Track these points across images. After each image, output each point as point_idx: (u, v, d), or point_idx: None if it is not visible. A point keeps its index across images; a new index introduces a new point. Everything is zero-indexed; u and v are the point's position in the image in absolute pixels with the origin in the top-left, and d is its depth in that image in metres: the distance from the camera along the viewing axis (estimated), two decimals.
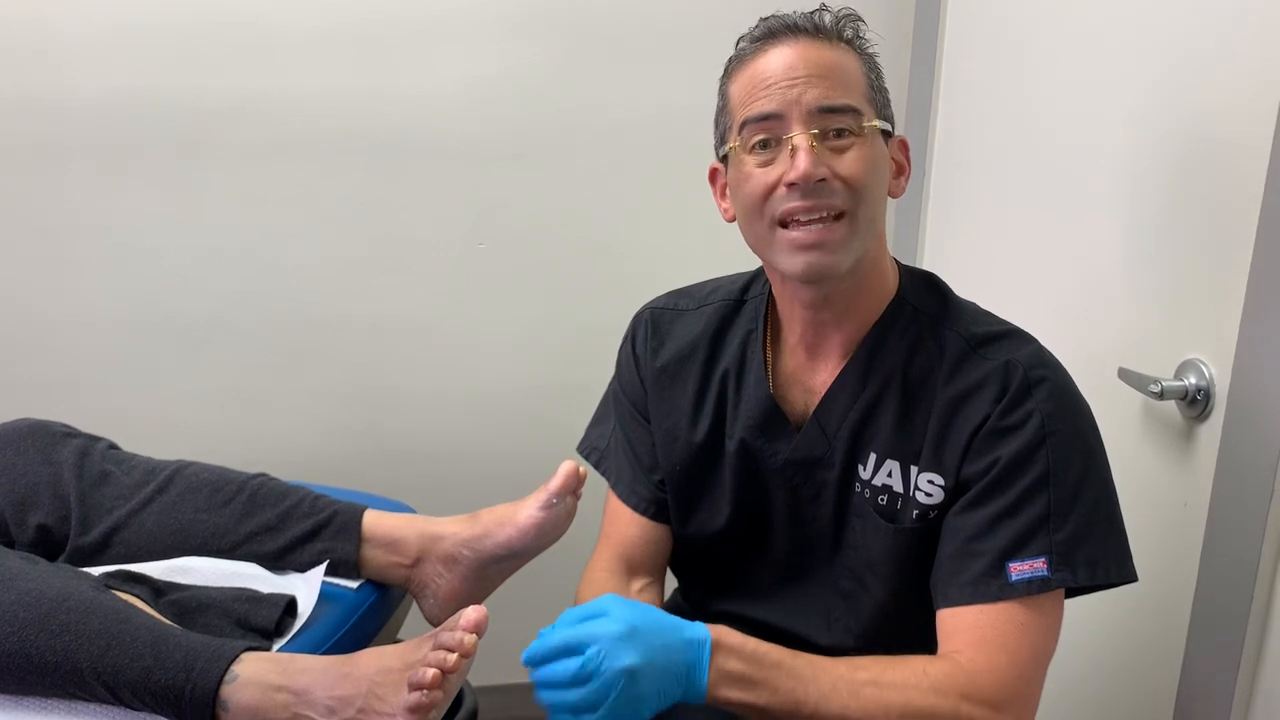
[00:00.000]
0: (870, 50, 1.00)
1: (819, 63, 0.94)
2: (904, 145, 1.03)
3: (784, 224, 0.95)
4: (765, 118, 0.94)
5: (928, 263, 1.80)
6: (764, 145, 0.95)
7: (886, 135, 0.99)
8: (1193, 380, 1.15)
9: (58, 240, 1.68)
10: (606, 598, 0.90)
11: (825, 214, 0.93)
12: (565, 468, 1.18)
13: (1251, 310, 1.07)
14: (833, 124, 0.93)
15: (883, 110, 0.99)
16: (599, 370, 1.24)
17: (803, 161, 0.91)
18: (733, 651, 0.90)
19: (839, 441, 1.03)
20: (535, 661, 0.88)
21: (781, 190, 0.93)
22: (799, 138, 0.92)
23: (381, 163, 1.74)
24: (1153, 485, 1.23)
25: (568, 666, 0.85)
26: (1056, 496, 0.93)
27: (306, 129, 1.70)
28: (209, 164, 1.70)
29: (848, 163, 0.93)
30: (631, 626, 0.86)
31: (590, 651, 0.84)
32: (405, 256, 1.79)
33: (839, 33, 0.97)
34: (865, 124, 0.95)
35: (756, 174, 0.95)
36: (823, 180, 0.92)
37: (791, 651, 0.92)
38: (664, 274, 1.26)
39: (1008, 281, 1.55)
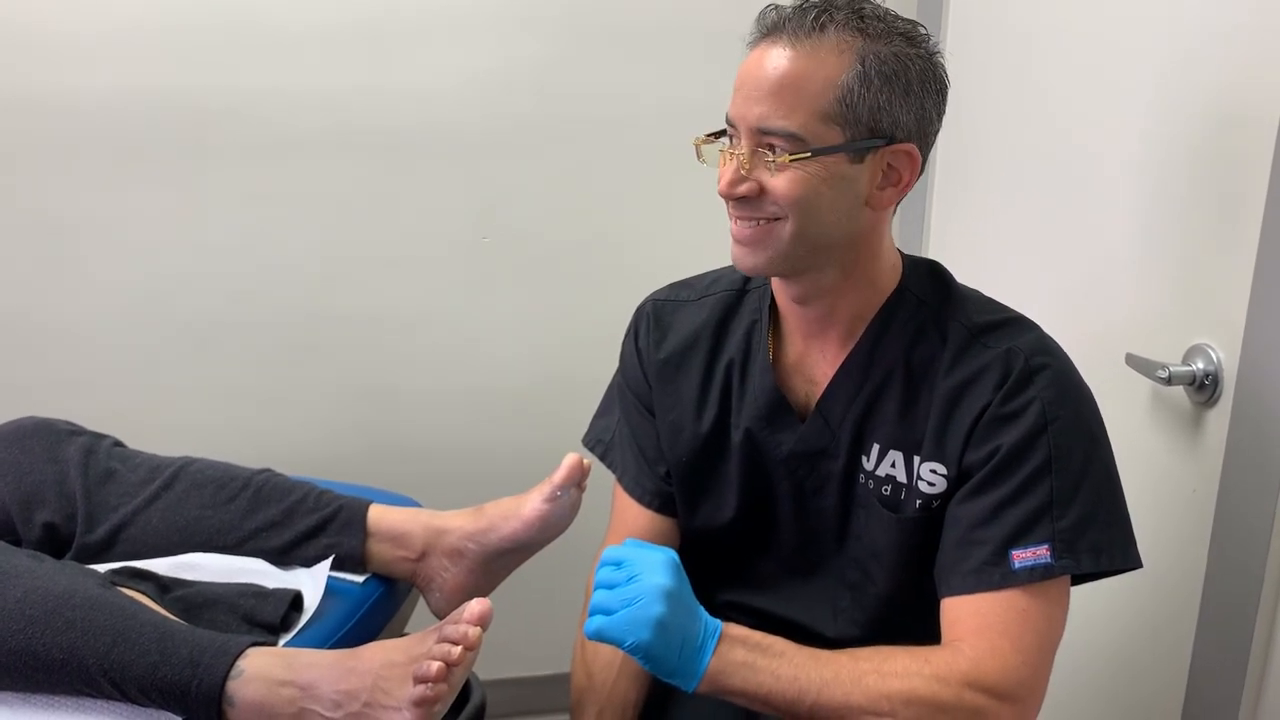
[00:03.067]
0: (871, 32, 0.92)
1: (776, 75, 0.91)
2: (910, 154, 0.95)
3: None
4: (729, 121, 0.96)
5: (933, 250, 1.79)
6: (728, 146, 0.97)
7: (874, 146, 0.93)
8: (1200, 365, 1.14)
9: (61, 239, 1.68)
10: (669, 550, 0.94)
11: (757, 220, 0.95)
12: (569, 460, 1.18)
13: (1259, 294, 1.07)
14: (769, 143, 0.92)
15: (859, 120, 0.91)
16: (604, 363, 1.23)
17: (725, 175, 0.94)
18: (737, 641, 0.91)
19: (843, 433, 1.02)
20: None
21: None
22: (731, 152, 0.95)
23: (385, 159, 1.74)
24: (1161, 471, 1.22)
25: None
26: (1059, 483, 0.92)
27: (309, 126, 1.70)
28: (212, 162, 1.70)
29: (779, 183, 0.92)
30: (677, 581, 0.91)
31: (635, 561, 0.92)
32: (409, 252, 1.79)
33: (833, 21, 0.91)
34: (795, 156, 0.90)
35: (720, 173, 0.97)
36: (744, 197, 0.94)
37: (794, 643, 0.92)
38: (668, 266, 1.26)
39: (1014, 268, 1.54)
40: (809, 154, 0.91)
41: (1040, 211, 1.47)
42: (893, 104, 0.92)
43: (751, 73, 0.93)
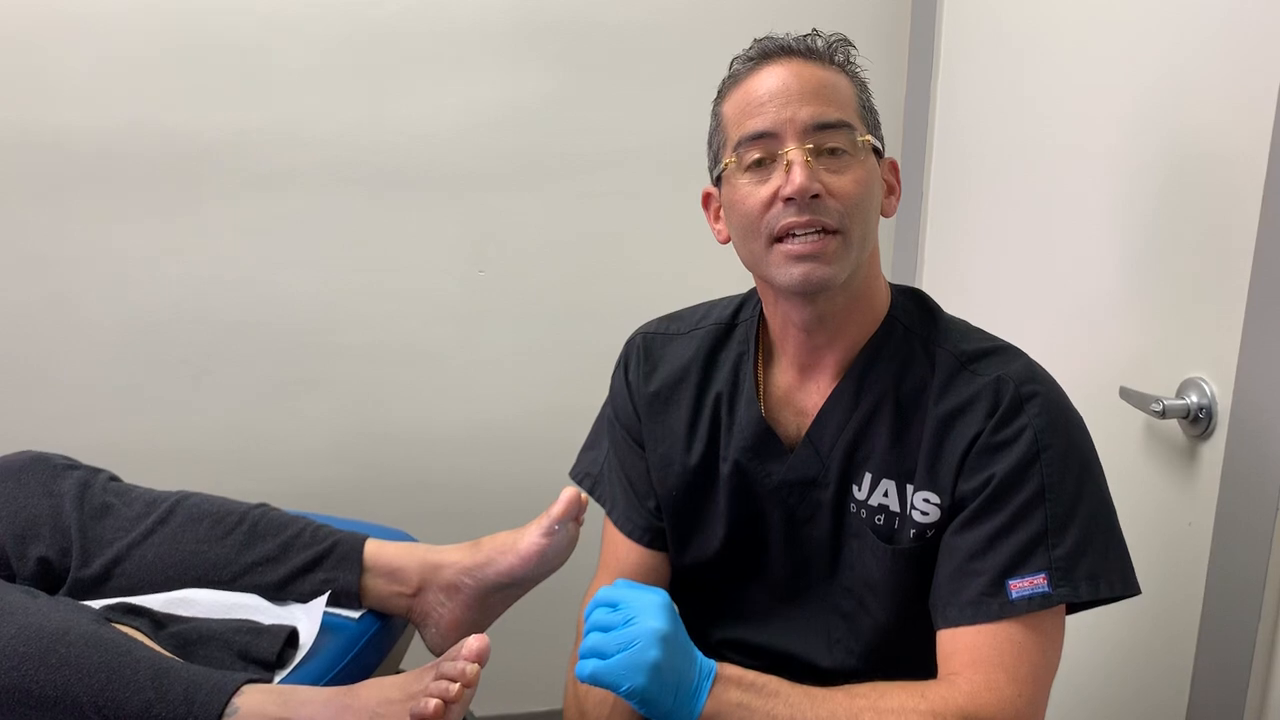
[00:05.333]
0: (861, 74, 1.01)
1: (811, 81, 0.95)
2: (894, 166, 1.04)
3: (780, 239, 0.95)
4: (760, 136, 0.95)
5: (926, 283, 1.80)
6: (759, 163, 0.96)
7: (878, 155, 1.00)
8: (1194, 399, 1.15)
9: (58, 271, 1.69)
10: (662, 592, 0.93)
11: (820, 229, 0.94)
12: (567, 494, 1.18)
13: (1252, 327, 1.07)
14: (827, 142, 0.94)
15: (874, 130, 1.00)
16: (600, 397, 1.24)
17: (798, 175, 0.92)
18: (732, 682, 0.90)
19: (832, 462, 1.03)
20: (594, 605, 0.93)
21: (778, 205, 0.94)
22: (794, 153, 0.93)
23: (381, 192, 1.75)
24: (1156, 505, 1.22)
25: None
26: (1053, 511, 0.92)
27: (306, 159, 1.72)
28: (209, 195, 1.71)
29: (841, 181, 0.94)
30: (673, 625, 0.90)
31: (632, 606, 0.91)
32: (405, 285, 1.79)
33: (830, 56, 0.98)
34: (859, 138, 0.96)
35: (751, 190, 0.96)
36: (817, 196, 0.93)
37: (790, 682, 0.92)
38: (662, 299, 1.26)
39: (1008, 301, 1.55)
40: (869, 137, 0.97)
41: (1033, 245, 1.48)
42: (879, 122, 1.01)
43: (781, 83, 0.95)
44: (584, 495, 1.20)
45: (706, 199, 1.06)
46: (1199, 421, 1.14)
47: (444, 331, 1.82)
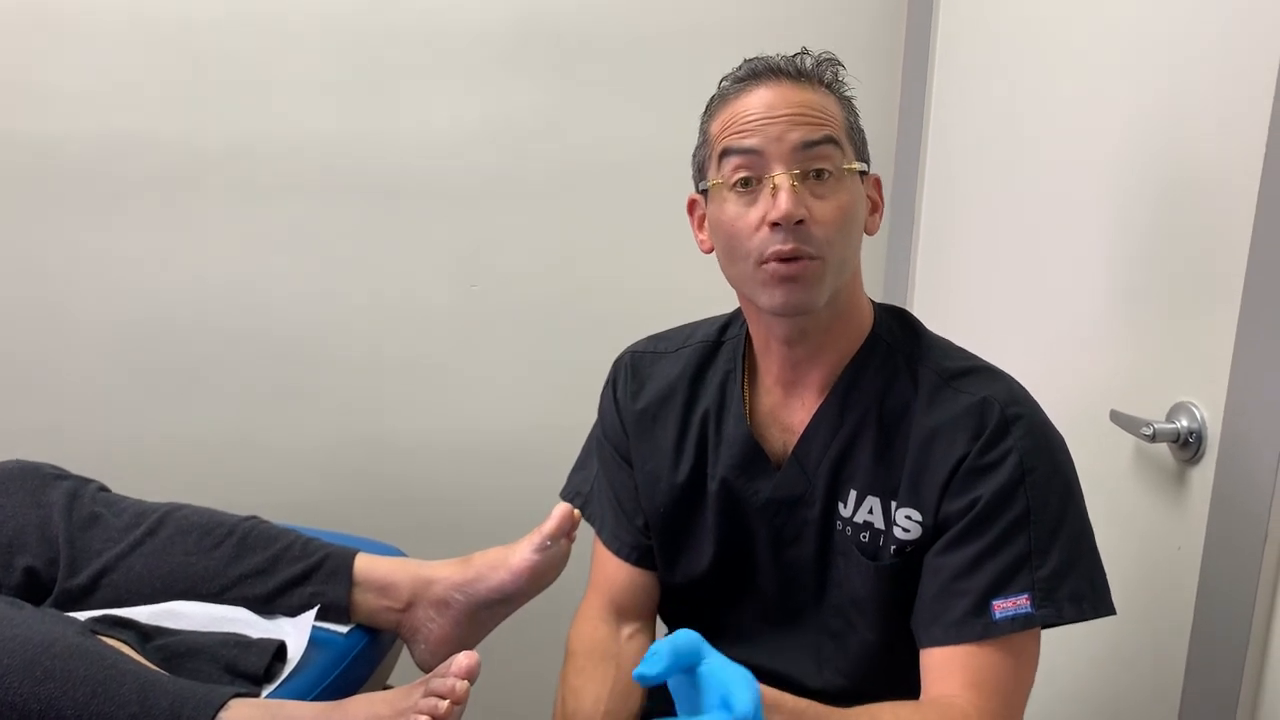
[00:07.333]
0: (849, 94, 1.02)
1: (799, 103, 0.96)
2: (877, 183, 1.04)
3: (764, 261, 0.96)
4: (746, 152, 0.96)
5: (917, 303, 1.81)
6: (745, 184, 0.96)
7: (863, 175, 1.01)
8: (1184, 423, 1.15)
9: (51, 280, 1.69)
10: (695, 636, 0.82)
11: (804, 255, 0.94)
12: (559, 510, 1.18)
13: (1242, 352, 1.08)
14: (814, 164, 0.95)
15: (860, 151, 1.01)
16: (593, 412, 1.24)
17: (784, 201, 0.93)
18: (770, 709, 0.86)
19: (818, 479, 1.03)
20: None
21: (764, 230, 0.95)
22: (780, 177, 0.94)
23: (375, 204, 1.75)
24: (1145, 528, 1.23)
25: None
26: (1037, 533, 0.94)
27: (301, 171, 1.72)
28: (203, 205, 1.70)
29: (825, 207, 0.95)
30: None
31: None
32: (398, 298, 1.79)
33: (819, 76, 1.00)
34: (845, 166, 0.96)
35: (739, 213, 0.96)
36: (801, 222, 0.93)
37: (806, 700, 0.90)
38: (658, 313, 1.27)
39: (1000, 322, 1.55)
40: (856, 164, 0.98)
41: (1024, 267, 1.49)
42: (865, 141, 1.03)
43: (768, 104, 0.96)
44: (577, 512, 1.20)
45: (691, 206, 1.07)
46: (1189, 446, 1.15)
47: (436, 344, 1.82)
